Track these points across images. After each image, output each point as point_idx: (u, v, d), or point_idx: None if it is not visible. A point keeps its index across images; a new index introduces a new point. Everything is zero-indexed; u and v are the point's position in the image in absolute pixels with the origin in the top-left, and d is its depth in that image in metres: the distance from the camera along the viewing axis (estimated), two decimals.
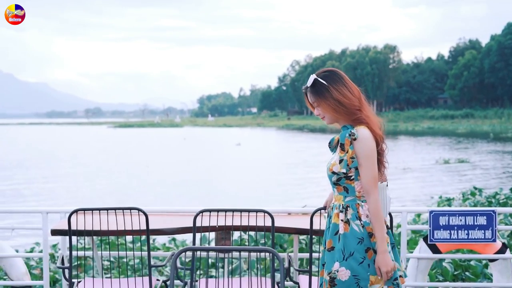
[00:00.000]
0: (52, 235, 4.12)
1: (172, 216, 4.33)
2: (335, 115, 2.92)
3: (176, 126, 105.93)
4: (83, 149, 39.87)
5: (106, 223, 3.78)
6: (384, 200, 3.00)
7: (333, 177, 2.95)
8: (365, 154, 2.84)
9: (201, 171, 23.62)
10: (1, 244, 4.79)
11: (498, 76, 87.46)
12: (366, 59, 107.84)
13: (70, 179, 21.22)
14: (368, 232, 2.86)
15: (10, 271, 4.75)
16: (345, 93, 2.89)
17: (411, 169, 22.63)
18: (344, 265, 2.83)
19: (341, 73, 2.97)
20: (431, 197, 14.51)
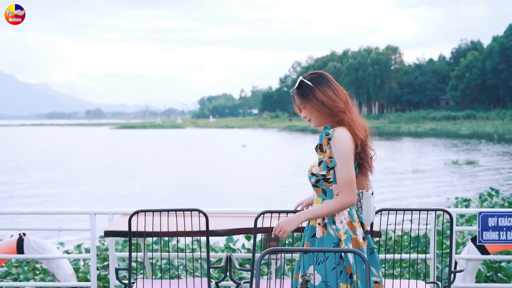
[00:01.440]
0: (105, 236, 4.13)
1: (228, 217, 4.35)
2: (319, 117, 2.91)
3: (178, 127, 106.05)
4: (91, 150, 39.84)
5: (158, 224, 3.80)
6: (368, 209, 2.98)
7: (312, 179, 2.93)
8: (340, 154, 2.81)
9: (215, 172, 23.61)
10: (48, 245, 4.81)
11: (500, 77, 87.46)
12: (368, 60, 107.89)
13: (88, 182, 21.04)
14: (338, 238, 2.83)
15: (57, 272, 4.77)
16: (330, 94, 2.88)
17: (420, 170, 22.65)
18: (317, 270, 2.82)
19: (328, 75, 2.97)
20: (447, 198, 14.52)
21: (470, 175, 20.68)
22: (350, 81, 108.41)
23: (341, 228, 2.84)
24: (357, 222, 2.90)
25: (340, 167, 2.81)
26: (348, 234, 2.85)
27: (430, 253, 4.36)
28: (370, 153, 2.98)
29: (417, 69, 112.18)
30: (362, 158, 2.92)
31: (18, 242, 4.72)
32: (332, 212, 2.83)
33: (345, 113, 2.89)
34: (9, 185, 20.06)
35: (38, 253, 4.71)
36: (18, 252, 4.73)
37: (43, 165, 28.16)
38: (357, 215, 2.93)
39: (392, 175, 21.16)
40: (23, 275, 6.39)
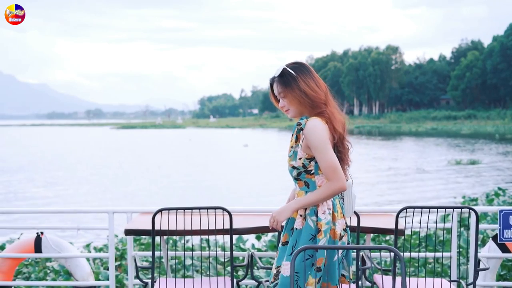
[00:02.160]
0: (126, 235, 4.11)
1: (250, 215, 4.33)
2: (299, 107, 2.88)
3: (178, 127, 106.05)
4: (95, 150, 39.74)
5: (182, 222, 3.78)
6: (350, 198, 2.97)
7: (293, 172, 2.90)
8: (317, 144, 2.77)
9: (219, 172, 23.57)
10: (66, 244, 4.79)
11: (501, 77, 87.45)
12: (368, 60, 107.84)
13: (95, 182, 20.89)
14: (317, 228, 2.80)
15: (75, 271, 4.75)
16: (312, 85, 2.86)
17: (425, 170, 22.63)
18: (289, 260, 2.79)
19: (309, 66, 2.93)
20: (453, 197, 14.51)
21: (474, 175, 20.65)
22: (350, 81, 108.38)
23: (323, 219, 2.80)
24: (339, 213, 2.87)
25: (321, 156, 2.78)
26: (329, 224, 2.82)
27: (452, 251, 4.34)
28: (347, 146, 2.95)
29: (418, 69, 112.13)
30: (340, 151, 2.89)
31: (36, 241, 4.70)
32: (323, 199, 2.80)
33: (326, 105, 2.87)
34: (15, 185, 19.98)
35: (56, 252, 4.68)
36: (36, 251, 4.71)
37: (48, 165, 28.09)
38: (340, 206, 2.90)
39: (396, 175, 21.14)
40: (34, 274, 6.37)
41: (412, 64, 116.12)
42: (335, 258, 2.81)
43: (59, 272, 6.50)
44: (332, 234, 2.81)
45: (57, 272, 6.50)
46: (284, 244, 2.90)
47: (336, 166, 2.76)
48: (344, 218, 2.91)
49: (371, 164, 25.82)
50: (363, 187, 17.92)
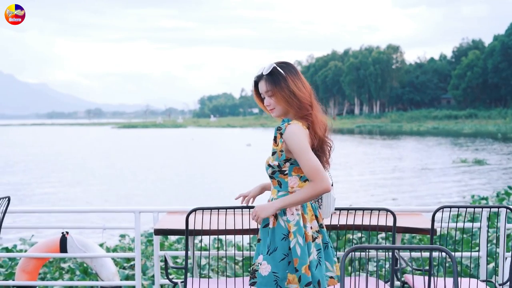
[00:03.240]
0: (155, 234, 4.09)
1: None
2: (286, 107, 2.87)
3: (179, 126, 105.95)
4: (99, 150, 39.63)
5: (214, 222, 3.75)
6: (328, 200, 2.97)
7: (269, 170, 2.93)
8: (297, 147, 2.78)
9: (226, 172, 23.53)
10: (91, 243, 4.77)
11: (502, 76, 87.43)
12: (369, 59, 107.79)
13: (105, 181, 20.71)
14: (288, 229, 2.82)
15: (100, 271, 4.73)
16: (300, 86, 2.85)
17: (430, 169, 22.60)
18: (267, 260, 2.81)
19: (296, 67, 2.93)
20: (463, 197, 14.50)
21: (481, 174, 20.63)
22: (351, 80, 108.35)
23: (292, 220, 2.81)
24: (310, 215, 2.87)
25: (302, 159, 2.78)
26: (299, 226, 2.82)
27: (482, 251, 4.32)
28: (327, 150, 2.96)
29: (418, 68, 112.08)
30: (318, 155, 2.89)
31: (61, 241, 4.68)
32: (306, 199, 2.80)
33: (312, 107, 2.87)
34: (25, 185, 19.86)
35: (82, 251, 4.66)
36: (61, 250, 4.69)
37: (54, 165, 27.98)
38: (311, 207, 2.90)
39: (402, 174, 21.12)
40: (50, 274, 6.34)
41: (413, 64, 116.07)
42: (311, 258, 2.81)
43: (74, 271, 6.47)
44: (305, 237, 2.83)
45: (73, 272, 6.47)
46: (259, 241, 2.93)
47: (319, 168, 2.77)
48: (317, 219, 2.91)
49: (377, 163, 25.79)
50: (372, 187, 17.90)
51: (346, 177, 20.39)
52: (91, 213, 10.16)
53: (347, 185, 18.12)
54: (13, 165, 28.07)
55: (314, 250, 2.83)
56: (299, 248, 2.77)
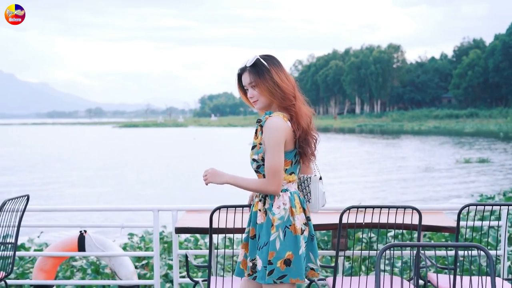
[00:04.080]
0: (177, 233, 4.07)
1: (324, 214, 4.31)
2: (270, 98, 2.87)
3: (180, 126, 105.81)
4: (102, 149, 39.42)
5: (240, 220, 3.73)
6: (317, 193, 2.98)
7: (253, 165, 2.93)
8: (268, 143, 2.80)
9: (233, 171, 23.42)
10: (110, 242, 4.75)
11: (503, 76, 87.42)
12: (370, 59, 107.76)
13: (114, 181, 20.43)
14: (272, 223, 2.84)
15: (119, 270, 4.72)
16: (283, 77, 2.87)
17: (434, 169, 22.57)
18: (259, 254, 2.85)
19: (279, 60, 2.95)
20: (471, 195, 14.48)
21: (486, 173, 20.60)
22: (352, 79, 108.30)
23: (276, 213, 2.83)
24: (298, 208, 2.88)
25: (268, 156, 2.81)
26: (283, 220, 2.82)
27: (501, 249, 4.31)
28: (311, 141, 2.94)
29: (419, 68, 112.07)
30: (302, 146, 2.88)
31: (79, 240, 4.66)
32: (251, 190, 2.88)
33: (295, 98, 2.88)
34: (25, 185, 19.78)
35: (100, 250, 4.65)
36: (79, 249, 4.67)
37: (61, 164, 27.84)
38: (299, 200, 2.91)
39: (406, 174, 21.09)
40: (61, 273, 6.32)
41: (414, 63, 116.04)
42: (300, 252, 2.82)
43: (86, 270, 6.45)
44: (292, 229, 2.82)
45: (84, 271, 6.44)
46: (253, 238, 2.95)
47: (278, 170, 2.79)
48: (304, 212, 2.93)
49: (382, 163, 25.76)
50: (377, 186, 17.88)
51: (351, 176, 20.36)
52: (105, 212, 10.12)
53: (353, 185, 18.10)
54: (17, 164, 28.02)
55: (303, 243, 2.84)
56: (278, 242, 2.80)
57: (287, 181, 2.89)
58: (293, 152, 2.88)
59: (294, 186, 2.92)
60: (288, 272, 2.79)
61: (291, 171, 2.89)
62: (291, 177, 2.90)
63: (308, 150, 2.91)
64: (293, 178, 2.92)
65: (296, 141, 2.87)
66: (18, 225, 4.15)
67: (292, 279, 2.80)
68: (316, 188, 2.98)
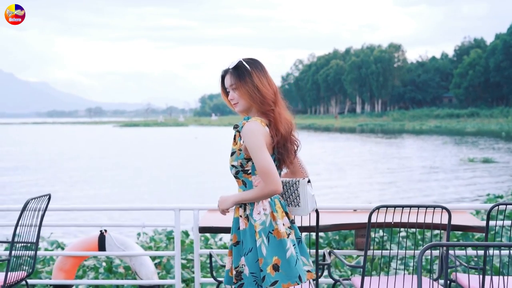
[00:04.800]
0: (200, 232, 4.04)
1: (336, 213, 4.28)
2: (249, 102, 2.87)
3: (181, 125, 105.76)
4: (107, 149, 39.23)
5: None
6: (305, 197, 2.95)
7: (232, 170, 2.93)
8: (252, 146, 2.79)
9: None
10: (130, 242, 4.72)
11: (504, 75, 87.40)
12: (370, 58, 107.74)
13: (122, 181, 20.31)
14: (255, 230, 2.83)
15: (139, 270, 4.69)
16: (264, 82, 2.87)
17: (438, 168, 22.55)
18: (246, 261, 2.84)
19: (263, 65, 2.95)
20: (478, 195, 14.45)
21: (491, 173, 20.58)
22: (353, 78, 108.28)
23: (257, 219, 2.83)
24: (280, 212, 2.87)
25: (255, 159, 2.79)
26: (265, 225, 2.81)
27: None
28: (291, 148, 2.93)
29: (420, 67, 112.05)
30: (280, 153, 2.88)
31: (99, 239, 4.63)
32: (255, 199, 2.83)
33: (275, 104, 2.87)
34: (30, 185, 19.71)
35: (120, 250, 4.62)
36: (99, 249, 4.65)
37: (67, 164, 27.69)
38: (280, 205, 2.89)
39: (411, 173, 21.07)
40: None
41: (415, 62, 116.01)
42: (288, 255, 2.79)
43: (98, 269, 6.41)
44: (276, 234, 2.81)
45: (97, 270, 6.41)
46: (236, 244, 2.92)
47: (269, 170, 2.77)
48: (287, 215, 2.90)
49: (386, 163, 25.74)
50: (383, 185, 17.84)
51: (358, 177, 20.33)
52: (122, 212, 10.00)
53: (358, 185, 18.07)
54: (21, 164, 27.95)
55: (291, 246, 2.82)
56: (264, 248, 2.79)
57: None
58: (273, 157, 2.87)
59: None
60: (278, 278, 2.77)
61: None
62: None
63: (287, 157, 2.90)
64: None
65: (274, 147, 2.87)
66: (39, 225, 4.12)
67: (283, 284, 2.78)
68: (305, 191, 2.95)
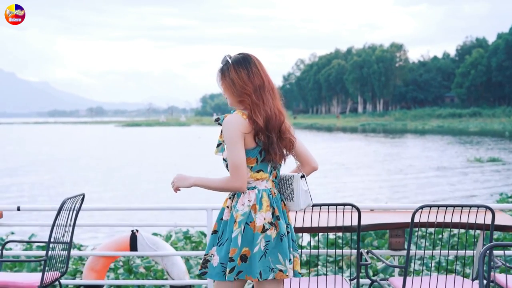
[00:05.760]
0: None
1: (376, 212, 4.26)
2: (229, 95, 2.94)
3: (183, 125, 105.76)
4: (113, 149, 39.07)
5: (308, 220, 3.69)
6: (298, 192, 2.95)
7: (224, 163, 2.96)
8: (227, 140, 2.84)
9: None
10: (161, 242, 4.71)
11: (506, 75, 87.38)
12: (372, 58, 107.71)
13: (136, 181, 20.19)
14: (235, 220, 2.85)
15: (171, 270, 4.68)
16: (242, 75, 2.88)
17: (446, 168, 22.50)
18: (217, 251, 2.86)
19: (254, 59, 2.94)
20: (490, 195, 14.42)
21: (499, 172, 20.54)
22: (354, 78, 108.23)
23: (240, 210, 2.85)
24: (265, 206, 2.85)
25: (228, 153, 2.85)
26: (245, 216, 2.83)
27: None
28: (276, 141, 2.88)
29: (422, 67, 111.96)
30: (264, 143, 2.86)
31: (131, 239, 4.61)
32: (217, 189, 2.88)
33: (249, 95, 2.86)
34: (34, 186, 19.61)
35: (152, 250, 4.60)
36: (131, 249, 4.63)
37: (75, 164, 27.57)
38: (267, 199, 2.87)
39: (419, 173, 21.02)
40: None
41: (416, 62, 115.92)
42: (255, 250, 2.79)
43: (117, 270, 6.38)
44: (252, 226, 2.82)
45: (116, 270, 6.38)
46: (213, 233, 2.94)
47: (237, 166, 2.81)
48: (274, 210, 2.88)
49: (392, 162, 25.72)
50: (396, 186, 17.81)
51: (366, 176, 20.30)
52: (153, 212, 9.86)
53: (367, 185, 18.05)
54: (27, 165, 27.89)
55: (262, 241, 2.80)
56: (240, 238, 2.80)
57: (255, 179, 2.89)
58: (256, 150, 2.87)
59: (264, 184, 2.90)
60: (243, 268, 2.80)
61: (258, 169, 2.89)
62: (258, 175, 2.89)
63: (271, 149, 2.87)
64: (262, 176, 2.90)
65: (254, 137, 2.87)
66: (73, 224, 4.10)
67: (247, 276, 2.80)
68: (298, 186, 2.94)
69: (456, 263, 3.82)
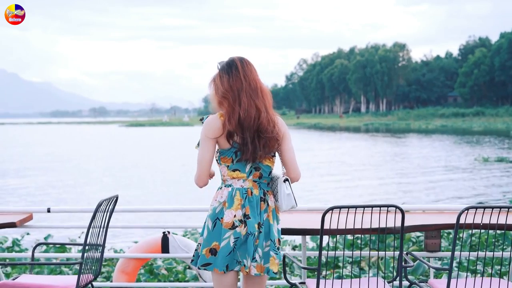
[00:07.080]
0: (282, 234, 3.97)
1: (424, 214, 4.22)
2: (211, 99, 3.10)
3: (186, 125, 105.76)
4: (120, 149, 39.05)
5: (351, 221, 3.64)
6: (281, 194, 3.00)
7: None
8: (200, 139, 3.01)
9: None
10: (194, 244, 4.66)
11: (509, 74, 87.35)
12: (375, 57, 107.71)
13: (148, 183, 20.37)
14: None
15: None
16: (224, 81, 2.99)
17: (454, 167, 22.43)
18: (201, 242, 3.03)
19: (236, 63, 3.00)
20: (503, 194, 14.36)
21: (508, 172, 20.48)
22: (357, 78, 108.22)
23: (212, 204, 3.01)
24: (236, 204, 2.94)
25: (198, 151, 3.03)
26: (214, 211, 2.96)
27: None
28: (249, 139, 2.93)
29: (425, 66, 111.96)
30: (238, 144, 2.95)
31: (163, 241, 4.57)
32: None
33: (227, 99, 2.95)
34: (42, 187, 19.56)
35: (184, 252, 4.55)
36: (163, 251, 4.58)
37: (84, 164, 27.55)
38: (240, 197, 2.95)
39: (428, 173, 20.97)
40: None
41: (419, 61, 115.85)
42: (223, 244, 2.91)
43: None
44: (222, 222, 2.95)
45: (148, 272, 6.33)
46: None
47: (199, 164, 3.00)
48: (246, 210, 2.94)
49: (399, 163, 25.66)
50: (398, 185, 17.76)
51: (377, 178, 20.25)
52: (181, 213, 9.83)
53: (383, 186, 17.98)
54: (31, 165, 27.88)
55: (231, 237, 2.92)
56: (206, 231, 2.96)
57: (231, 177, 3.00)
58: (231, 150, 2.97)
59: (240, 183, 2.98)
60: (212, 261, 2.93)
61: (235, 168, 2.98)
62: (235, 174, 2.99)
63: (246, 149, 2.93)
64: (238, 175, 2.98)
65: (227, 138, 2.96)
66: (106, 226, 4.06)
67: (215, 268, 2.93)
68: (281, 189, 3.00)
69: (502, 266, 3.77)
